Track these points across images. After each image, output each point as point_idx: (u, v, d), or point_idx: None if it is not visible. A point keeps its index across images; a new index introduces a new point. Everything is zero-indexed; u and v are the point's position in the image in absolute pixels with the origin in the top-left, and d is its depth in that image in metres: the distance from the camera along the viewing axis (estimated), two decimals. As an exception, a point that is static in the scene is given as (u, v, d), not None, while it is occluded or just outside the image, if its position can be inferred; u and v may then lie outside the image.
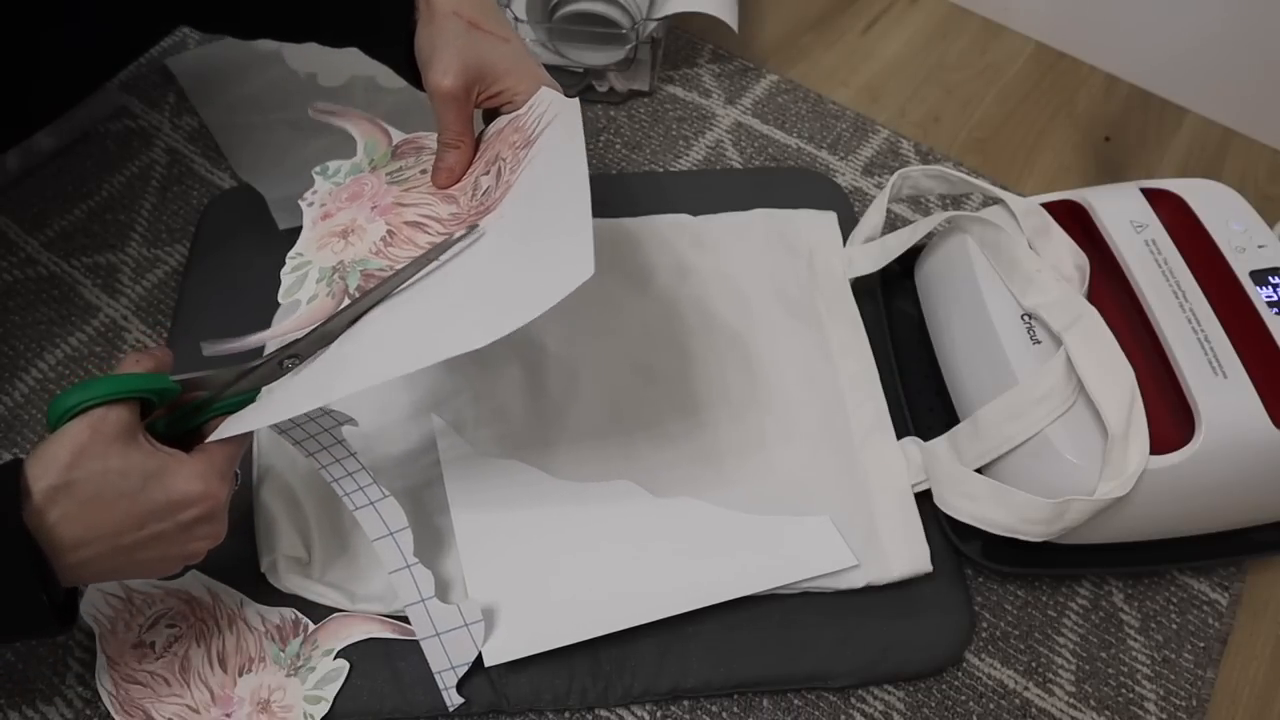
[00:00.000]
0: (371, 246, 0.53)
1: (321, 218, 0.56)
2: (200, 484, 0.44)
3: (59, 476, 0.41)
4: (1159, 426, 0.53)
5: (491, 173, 0.54)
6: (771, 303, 0.70)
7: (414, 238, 0.53)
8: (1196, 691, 0.59)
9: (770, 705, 0.57)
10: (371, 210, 0.55)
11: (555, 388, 0.65)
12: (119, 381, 0.44)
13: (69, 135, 0.77)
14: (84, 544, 0.42)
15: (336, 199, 0.57)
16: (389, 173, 0.57)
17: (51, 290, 0.70)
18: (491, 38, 0.54)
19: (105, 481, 0.42)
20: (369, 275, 0.52)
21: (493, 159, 0.55)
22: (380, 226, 0.54)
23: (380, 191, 0.56)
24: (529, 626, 0.55)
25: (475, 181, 0.54)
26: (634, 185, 0.78)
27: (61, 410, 0.43)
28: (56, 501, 0.41)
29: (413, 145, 0.59)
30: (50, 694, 0.55)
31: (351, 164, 0.59)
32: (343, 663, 0.54)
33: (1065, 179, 0.84)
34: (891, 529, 0.60)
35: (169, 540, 0.45)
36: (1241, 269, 0.59)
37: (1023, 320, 0.60)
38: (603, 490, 0.60)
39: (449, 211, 0.54)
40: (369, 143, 0.59)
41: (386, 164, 0.58)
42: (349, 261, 0.53)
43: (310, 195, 0.58)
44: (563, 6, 0.79)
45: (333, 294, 0.52)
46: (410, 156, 0.58)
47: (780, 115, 0.86)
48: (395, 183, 0.56)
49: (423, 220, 0.54)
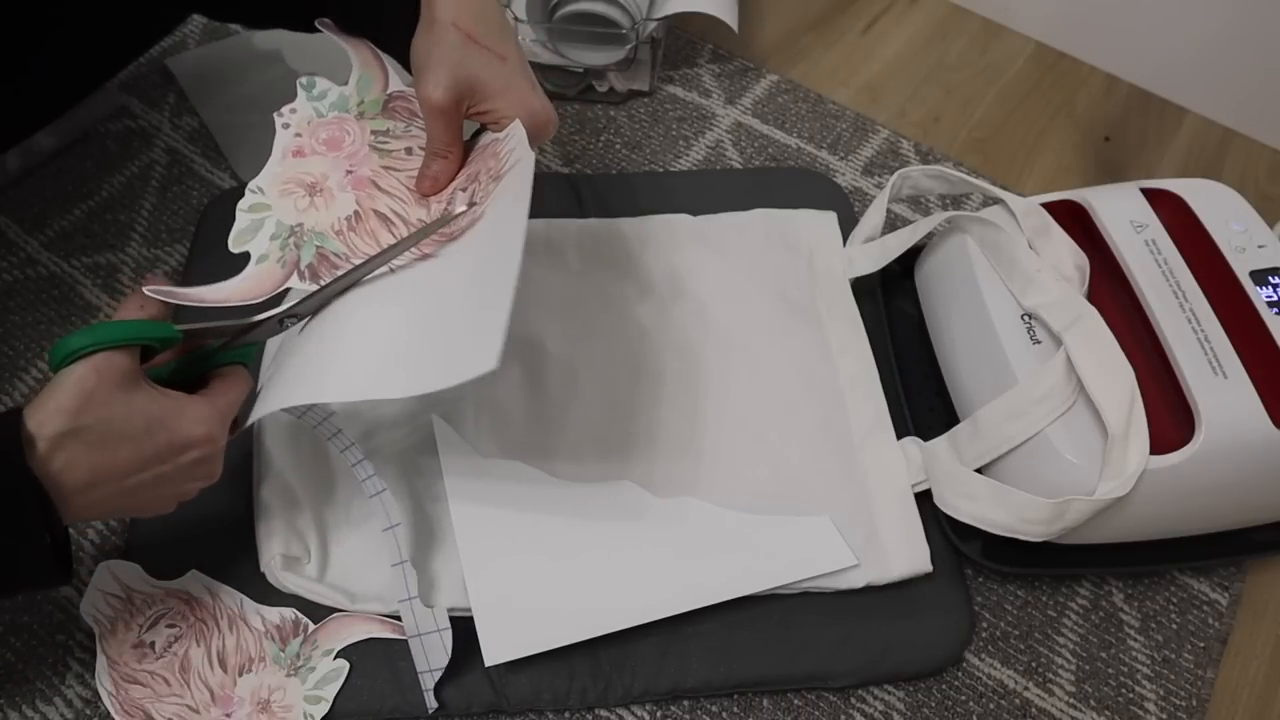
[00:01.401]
0: (335, 222, 0.52)
1: (294, 152, 0.54)
2: (203, 427, 0.46)
3: (66, 423, 0.42)
4: (1159, 426, 0.53)
5: (468, 193, 0.53)
6: (771, 302, 0.70)
7: (377, 232, 0.52)
8: (1196, 691, 0.59)
9: (770, 705, 0.57)
10: (345, 176, 0.54)
11: (555, 388, 0.65)
12: (124, 328, 0.45)
13: (69, 135, 0.77)
14: (91, 486, 0.43)
15: (314, 134, 0.55)
16: (375, 131, 0.55)
17: (51, 290, 0.70)
18: (487, 54, 0.53)
19: (111, 426, 0.43)
20: (323, 256, 0.51)
21: (473, 177, 0.54)
22: (349, 201, 0.53)
23: (360, 154, 0.55)
24: (529, 626, 0.55)
25: (453, 195, 0.54)
26: (634, 185, 0.78)
27: (65, 352, 0.43)
28: (64, 447, 0.42)
29: (406, 105, 0.57)
30: (50, 694, 0.55)
31: (340, 94, 0.56)
32: (343, 663, 0.54)
33: (1065, 179, 0.84)
34: (891, 529, 0.60)
35: (169, 481, 0.46)
36: (1241, 269, 0.59)
37: (1023, 320, 0.60)
38: (603, 490, 0.60)
39: (418, 217, 0.54)
40: (364, 77, 0.56)
41: (375, 115, 0.56)
42: (308, 228, 0.52)
43: (288, 112, 0.55)
44: (563, 6, 0.79)
45: (284, 262, 0.51)
46: (400, 120, 0.56)
47: (780, 115, 0.86)
48: (377, 150, 0.55)
49: (392, 217, 0.53)
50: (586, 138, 0.82)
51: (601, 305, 0.69)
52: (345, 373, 0.47)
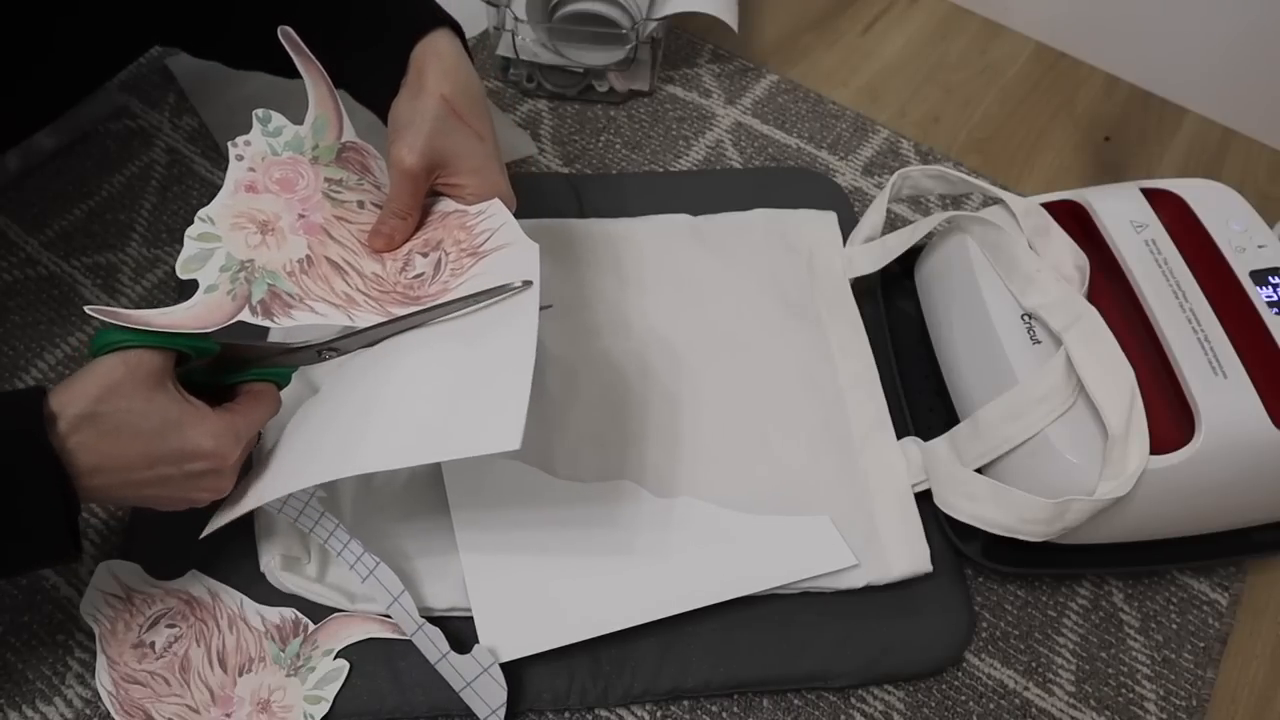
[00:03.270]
0: (286, 264, 0.52)
1: (247, 186, 0.53)
2: (212, 441, 0.46)
3: (86, 407, 0.43)
4: (1159, 426, 0.53)
5: (430, 259, 0.53)
6: (771, 303, 0.70)
7: (330, 279, 0.52)
8: (1196, 691, 0.59)
9: (770, 705, 0.57)
10: (298, 220, 0.53)
11: (555, 388, 0.65)
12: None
13: (69, 135, 0.77)
14: (97, 472, 0.44)
15: (268, 172, 0.54)
16: (328, 179, 0.55)
17: (51, 290, 0.70)
18: (468, 130, 0.55)
19: (126, 419, 0.44)
20: (275, 294, 0.50)
21: (433, 243, 0.54)
22: (301, 245, 0.53)
23: (313, 200, 0.54)
24: (529, 626, 0.55)
25: (410, 257, 0.54)
26: (634, 185, 0.78)
27: (104, 343, 0.45)
28: (79, 429, 0.43)
29: (358, 157, 0.56)
30: (50, 694, 0.55)
31: (295, 133, 0.55)
32: (343, 663, 0.54)
33: (1065, 179, 0.84)
34: (891, 529, 0.60)
35: (174, 484, 0.47)
36: (1241, 269, 0.59)
37: (1023, 320, 0.60)
38: (602, 490, 0.60)
39: (372, 270, 0.53)
40: (319, 120, 0.55)
41: (329, 162, 0.55)
42: (259, 266, 0.51)
43: (243, 144, 0.54)
44: (563, 6, 0.79)
45: (234, 295, 0.50)
46: (354, 171, 0.56)
47: (780, 115, 0.86)
48: (330, 198, 0.54)
49: (344, 266, 0.53)
50: (586, 138, 0.82)
51: (601, 305, 0.69)
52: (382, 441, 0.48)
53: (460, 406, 0.47)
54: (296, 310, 0.51)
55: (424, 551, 0.58)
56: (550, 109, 0.84)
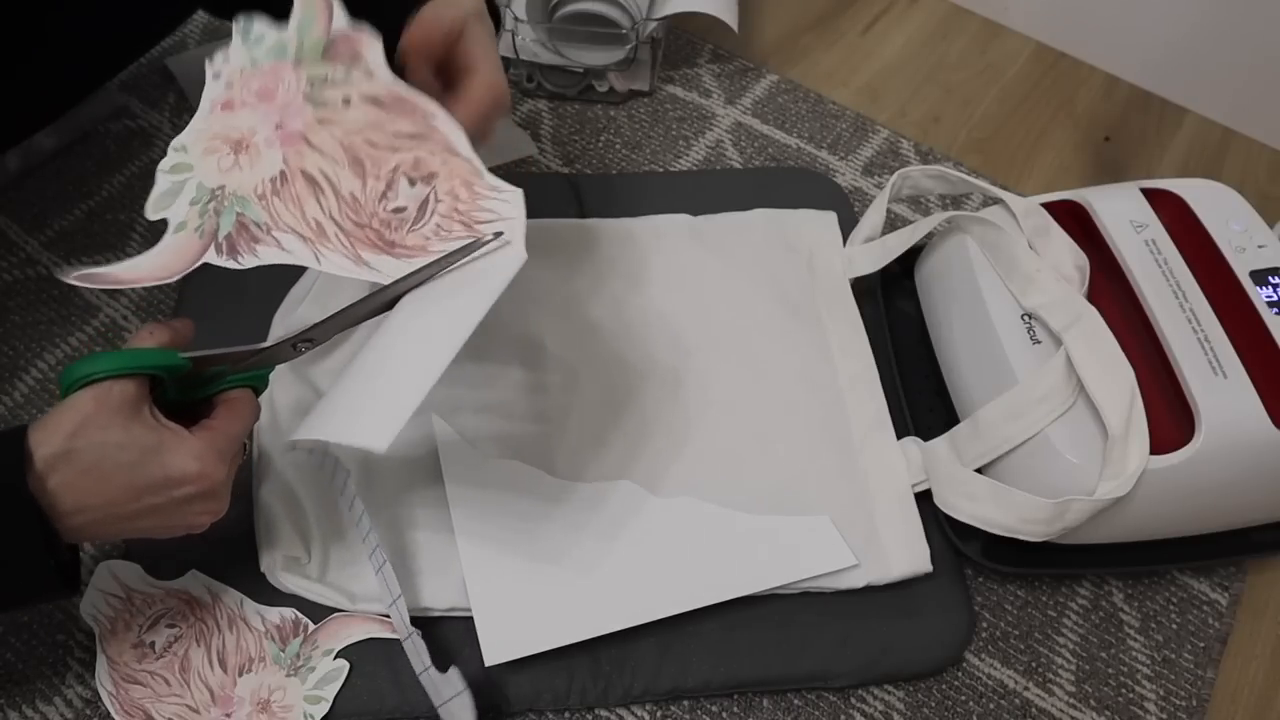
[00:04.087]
0: (259, 185, 0.49)
1: (223, 104, 0.50)
2: (196, 464, 0.45)
3: (60, 445, 0.42)
4: (1159, 426, 0.53)
5: (416, 192, 0.50)
6: (771, 303, 0.70)
7: (303, 200, 0.49)
8: (1196, 691, 0.59)
9: (770, 705, 0.57)
10: (275, 130, 0.49)
11: (555, 388, 0.65)
12: (129, 357, 0.45)
13: (69, 135, 0.77)
14: (81, 510, 0.43)
15: (246, 85, 0.50)
16: (310, 78, 0.50)
17: (51, 290, 0.70)
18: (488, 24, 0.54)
19: (104, 453, 0.43)
20: (243, 225, 0.48)
21: (425, 173, 0.50)
22: (276, 160, 0.49)
23: (293, 105, 0.50)
24: (529, 626, 0.55)
25: (394, 179, 0.50)
26: (634, 185, 0.78)
27: (72, 379, 0.44)
28: (56, 469, 0.42)
29: (350, 48, 0.51)
30: (50, 694, 0.55)
31: (278, 38, 0.50)
32: (343, 663, 0.54)
33: (1065, 179, 0.84)
34: (891, 529, 0.60)
35: (166, 512, 0.46)
36: (1241, 269, 0.59)
37: (1023, 320, 0.60)
38: (603, 490, 0.60)
39: (349, 190, 0.49)
40: (305, 17, 0.50)
41: (315, 60, 0.50)
42: (230, 191, 0.49)
43: (220, 61, 0.50)
44: (563, 6, 0.79)
45: (202, 232, 0.48)
46: (341, 64, 0.50)
47: (780, 115, 0.86)
48: (312, 101, 0.50)
49: (320, 180, 0.49)
50: (586, 138, 0.82)
51: (601, 305, 0.69)
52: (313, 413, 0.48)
53: (361, 388, 0.47)
54: (262, 245, 0.48)
55: (424, 551, 0.58)
56: (550, 109, 0.84)
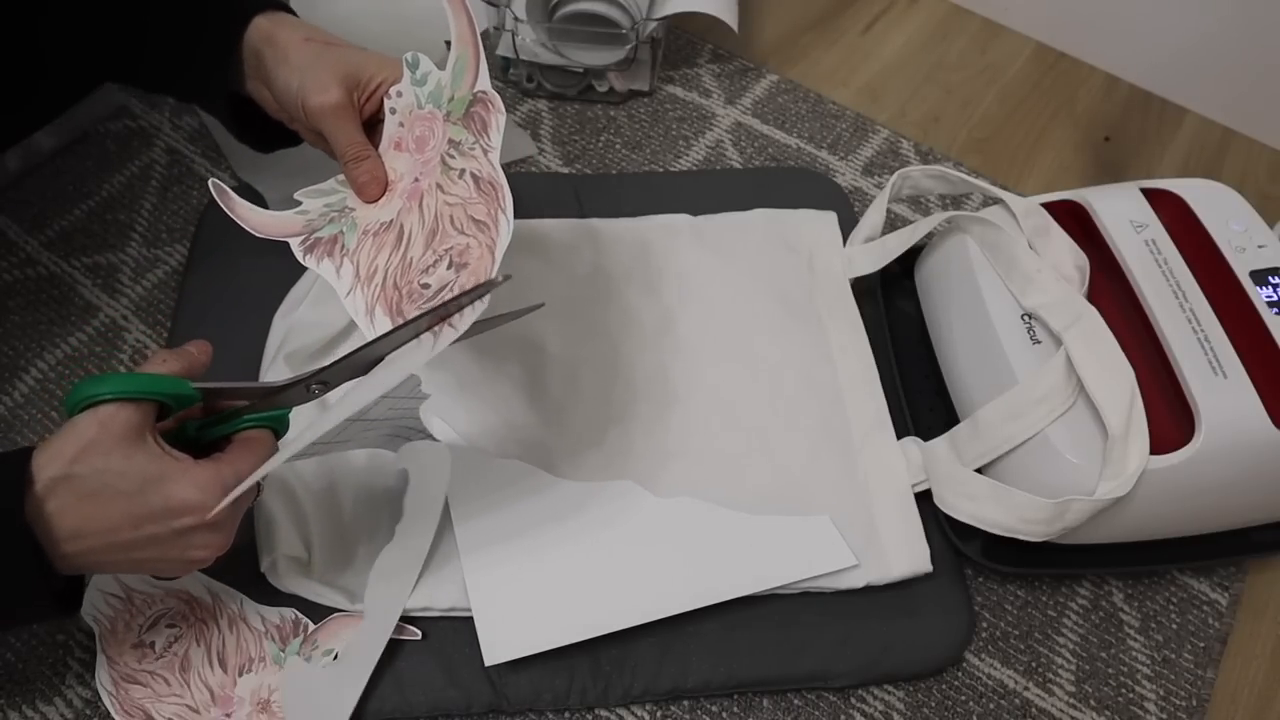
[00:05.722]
0: (371, 223, 0.52)
1: (395, 144, 0.53)
2: (197, 494, 0.44)
3: (61, 469, 0.42)
4: (1159, 426, 0.53)
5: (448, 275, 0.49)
6: (771, 303, 0.70)
7: (383, 247, 0.51)
8: (1196, 691, 0.59)
9: (770, 705, 0.57)
10: (413, 183, 0.52)
11: (555, 388, 0.65)
12: (134, 381, 0.44)
13: (69, 135, 0.77)
14: (79, 537, 0.43)
15: (412, 128, 0.53)
16: (451, 140, 0.51)
17: (51, 290, 0.70)
18: (347, 48, 0.55)
19: (104, 479, 0.42)
20: (335, 240, 0.52)
21: (463, 263, 0.49)
22: (395, 209, 0.52)
23: (432, 163, 0.51)
24: (529, 626, 0.55)
25: (441, 257, 0.50)
26: (634, 185, 0.78)
27: (75, 400, 0.44)
28: (56, 493, 0.42)
29: (482, 113, 0.50)
30: (50, 694, 0.55)
31: (438, 82, 0.52)
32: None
33: (1065, 179, 0.84)
34: (891, 529, 0.60)
35: (164, 544, 0.44)
36: (1241, 269, 0.59)
37: (1023, 320, 0.60)
38: (603, 490, 0.60)
39: (412, 255, 0.51)
40: (459, 61, 0.51)
41: (457, 119, 0.51)
42: (352, 218, 0.53)
43: (395, 96, 0.54)
44: (563, 6, 0.79)
45: (309, 224, 0.52)
46: (473, 131, 0.51)
47: (780, 115, 0.86)
48: (444, 164, 0.51)
49: (403, 239, 0.51)
50: (586, 138, 0.82)
51: (601, 305, 0.69)
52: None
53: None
54: (327, 262, 0.52)
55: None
56: (550, 109, 0.84)
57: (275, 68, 0.54)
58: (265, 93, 0.57)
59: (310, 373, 0.48)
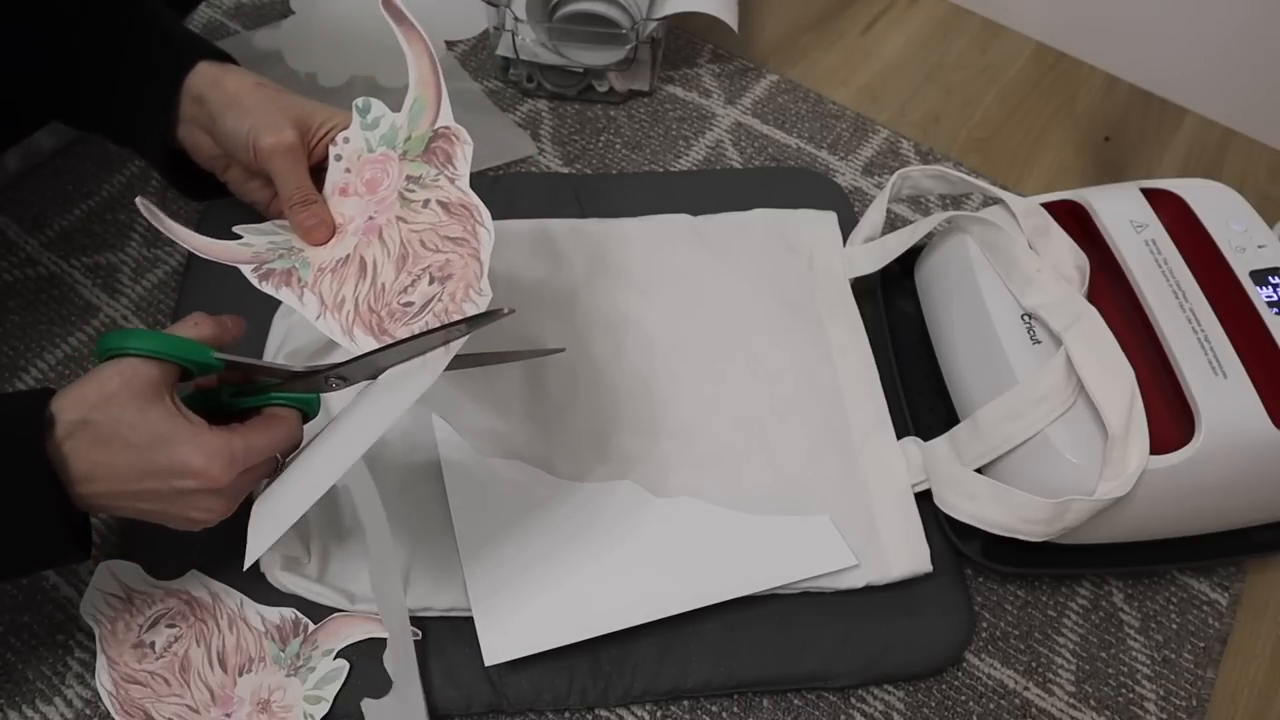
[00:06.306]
0: (325, 262, 0.51)
1: (340, 190, 0.52)
2: (201, 460, 0.45)
3: (81, 414, 0.44)
4: (1159, 426, 0.53)
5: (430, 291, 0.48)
6: (771, 303, 0.70)
7: (345, 280, 0.50)
8: (1196, 691, 0.59)
9: (770, 705, 0.57)
10: (366, 222, 0.51)
11: (555, 388, 0.65)
12: (160, 341, 0.46)
13: (69, 135, 0.77)
14: (89, 480, 0.44)
15: (360, 173, 0.52)
16: (409, 177, 0.51)
17: (51, 290, 0.70)
18: (297, 96, 0.56)
19: (118, 429, 0.44)
20: (289, 274, 0.50)
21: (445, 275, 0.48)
22: (349, 245, 0.51)
23: (388, 200, 0.51)
24: (529, 626, 0.55)
25: (420, 275, 0.49)
26: (634, 185, 0.78)
27: (103, 349, 0.46)
28: (74, 436, 0.44)
29: (445, 147, 0.51)
30: (50, 694, 0.55)
31: (391, 123, 0.52)
32: (343, 663, 0.54)
33: (1065, 179, 0.84)
34: (891, 529, 0.60)
35: (165, 500, 0.46)
36: (1241, 269, 0.59)
37: (1023, 320, 0.60)
38: (603, 490, 0.60)
39: (384, 280, 0.49)
40: (417, 103, 0.51)
41: (415, 157, 0.51)
42: (303, 258, 0.51)
43: (342, 142, 0.53)
44: (563, 6, 0.79)
45: (256, 255, 0.51)
46: (435, 165, 0.51)
47: (780, 115, 0.86)
48: (402, 198, 0.51)
49: (369, 269, 0.50)
50: (586, 138, 0.82)
51: (601, 305, 0.69)
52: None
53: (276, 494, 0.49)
54: (286, 291, 0.51)
55: (424, 551, 0.58)
56: (550, 109, 0.84)
57: (223, 111, 0.54)
58: (201, 139, 0.57)
59: (330, 365, 0.49)
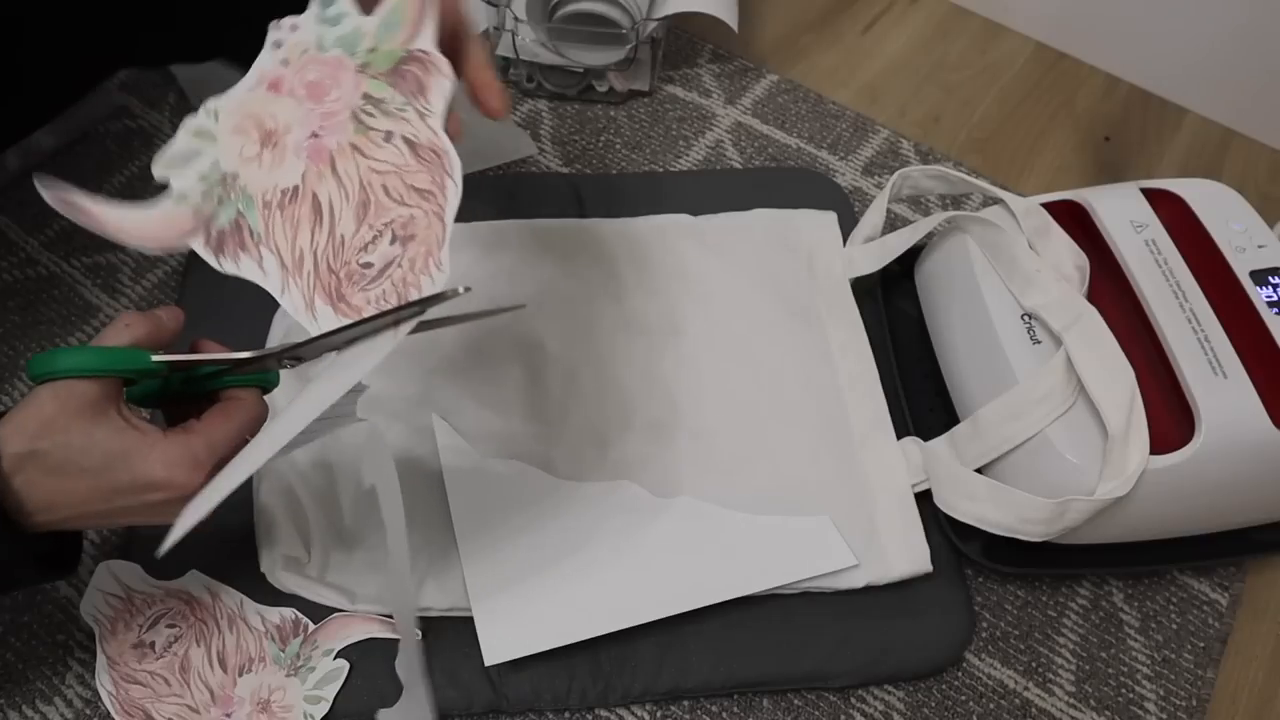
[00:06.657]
0: (269, 190, 0.45)
1: (270, 83, 0.46)
2: (164, 471, 0.42)
3: (25, 444, 0.41)
4: (1159, 426, 0.53)
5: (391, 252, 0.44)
6: (771, 303, 0.70)
7: (300, 225, 0.44)
8: (1196, 691, 0.59)
9: (770, 705, 0.57)
10: (308, 139, 0.45)
11: (555, 388, 0.65)
12: (91, 356, 0.43)
13: (69, 135, 0.77)
14: (51, 509, 0.42)
15: (302, 71, 0.45)
16: (367, 95, 0.45)
17: (51, 290, 0.70)
18: None
19: (67, 455, 0.42)
20: (237, 228, 0.44)
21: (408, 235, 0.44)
22: (296, 171, 0.45)
23: (338, 117, 0.45)
24: (529, 626, 0.55)
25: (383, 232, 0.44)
26: (634, 185, 0.78)
27: (36, 372, 0.42)
28: (23, 468, 0.41)
29: (418, 73, 0.45)
30: (50, 694, 0.55)
31: (354, 27, 0.45)
32: (343, 663, 0.55)
33: (1065, 179, 0.84)
34: (891, 529, 0.60)
35: (139, 513, 0.44)
36: (1241, 269, 0.59)
37: (1023, 320, 0.60)
38: (603, 490, 0.60)
39: (343, 231, 0.44)
40: (394, 12, 0.45)
41: (379, 74, 0.45)
42: (240, 185, 0.45)
43: (287, 28, 0.46)
44: (563, 6, 0.79)
45: (199, 213, 0.45)
46: (403, 91, 0.45)
47: (780, 115, 0.86)
48: (357, 121, 0.45)
49: (325, 212, 0.44)
50: (586, 138, 0.82)
51: (601, 305, 0.69)
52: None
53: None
54: (246, 255, 0.45)
55: (424, 551, 0.58)
56: (550, 109, 0.84)
57: None
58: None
59: (281, 348, 0.45)
